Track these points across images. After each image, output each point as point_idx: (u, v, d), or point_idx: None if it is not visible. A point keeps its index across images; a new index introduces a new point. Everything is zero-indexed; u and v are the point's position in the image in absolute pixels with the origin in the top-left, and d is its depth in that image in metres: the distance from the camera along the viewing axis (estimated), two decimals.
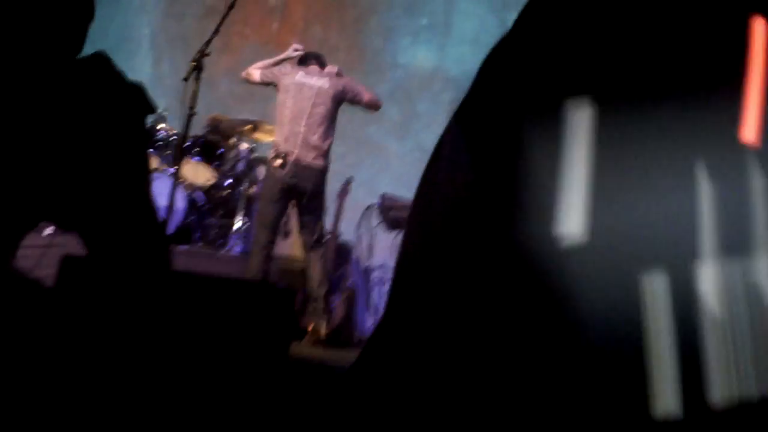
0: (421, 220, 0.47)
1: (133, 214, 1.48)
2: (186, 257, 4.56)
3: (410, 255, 0.47)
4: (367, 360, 0.48)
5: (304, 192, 4.15)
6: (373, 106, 4.45)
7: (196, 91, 2.99)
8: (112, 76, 1.50)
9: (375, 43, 7.39)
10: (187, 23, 7.57)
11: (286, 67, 4.30)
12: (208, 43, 2.97)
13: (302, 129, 4.15)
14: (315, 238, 4.22)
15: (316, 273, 4.19)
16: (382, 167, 4.18)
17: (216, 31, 3.05)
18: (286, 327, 1.66)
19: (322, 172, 4.22)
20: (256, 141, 5.60)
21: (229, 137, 5.59)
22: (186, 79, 2.91)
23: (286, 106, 4.19)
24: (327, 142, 4.24)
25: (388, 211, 3.93)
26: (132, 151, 1.47)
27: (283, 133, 4.18)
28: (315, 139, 4.19)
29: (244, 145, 5.52)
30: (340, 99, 4.32)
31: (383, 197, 4.03)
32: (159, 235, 1.59)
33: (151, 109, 1.53)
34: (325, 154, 4.23)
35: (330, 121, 4.29)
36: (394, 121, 6.72)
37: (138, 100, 1.49)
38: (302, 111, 4.16)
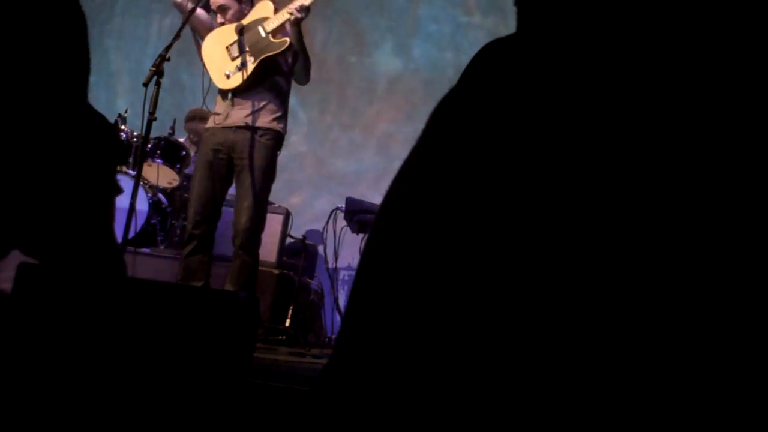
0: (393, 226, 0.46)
1: (94, 237, 1.49)
2: (149, 259, 4.50)
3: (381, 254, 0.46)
4: (336, 367, 0.47)
5: None
6: None
7: (156, 96, 2.96)
8: (96, 121, 1.52)
9: None
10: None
11: None
12: (168, 48, 2.94)
13: None
14: None
15: None
16: None
17: (177, 36, 3.02)
18: (249, 335, 1.67)
19: None
20: None
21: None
22: (146, 84, 2.88)
23: None
24: None
25: (354, 215, 3.95)
26: (100, 190, 1.50)
27: None
28: None
29: None
30: None
31: (348, 201, 4.05)
32: (115, 252, 1.61)
33: (123, 158, 1.62)
34: None
35: None
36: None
37: (113, 147, 1.54)
38: None
